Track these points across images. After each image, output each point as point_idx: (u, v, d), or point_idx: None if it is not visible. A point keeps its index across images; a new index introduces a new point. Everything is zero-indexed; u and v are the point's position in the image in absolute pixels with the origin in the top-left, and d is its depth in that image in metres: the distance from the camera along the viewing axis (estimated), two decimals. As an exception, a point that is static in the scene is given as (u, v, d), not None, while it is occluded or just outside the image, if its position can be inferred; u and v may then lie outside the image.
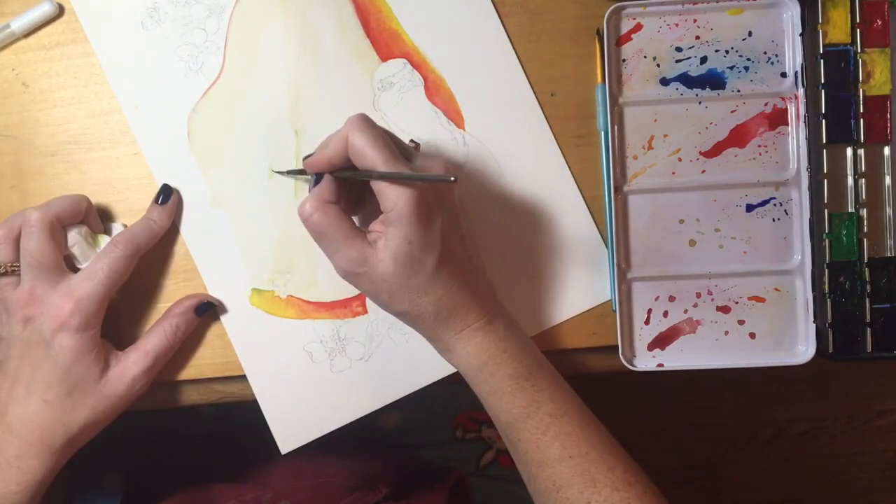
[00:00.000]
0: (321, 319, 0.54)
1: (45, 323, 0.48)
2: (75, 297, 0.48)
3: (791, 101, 0.53)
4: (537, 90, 0.54)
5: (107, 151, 0.54)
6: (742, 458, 1.36)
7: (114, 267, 0.49)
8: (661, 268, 0.54)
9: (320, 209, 0.45)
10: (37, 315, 0.48)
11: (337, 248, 0.45)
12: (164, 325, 0.52)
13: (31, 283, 0.48)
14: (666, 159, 0.54)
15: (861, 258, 0.53)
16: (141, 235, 0.51)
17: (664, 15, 0.53)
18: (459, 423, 0.74)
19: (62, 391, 0.48)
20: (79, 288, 0.48)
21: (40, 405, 0.48)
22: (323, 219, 0.45)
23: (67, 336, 0.48)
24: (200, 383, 0.56)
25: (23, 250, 0.48)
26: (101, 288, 0.49)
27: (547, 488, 0.46)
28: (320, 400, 0.54)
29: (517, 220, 0.55)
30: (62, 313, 0.47)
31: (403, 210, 0.43)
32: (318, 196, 0.45)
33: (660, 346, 0.55)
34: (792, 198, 0.54)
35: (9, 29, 0.53)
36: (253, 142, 0.54)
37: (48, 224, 0.48)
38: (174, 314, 0.52)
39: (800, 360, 0.54)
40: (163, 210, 0.53)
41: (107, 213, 0.55)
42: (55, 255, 0.49)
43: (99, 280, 0.49)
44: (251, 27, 0.54)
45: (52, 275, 0.48)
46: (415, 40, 0.54)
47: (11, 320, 0.48)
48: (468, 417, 0.74)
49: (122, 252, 0.50)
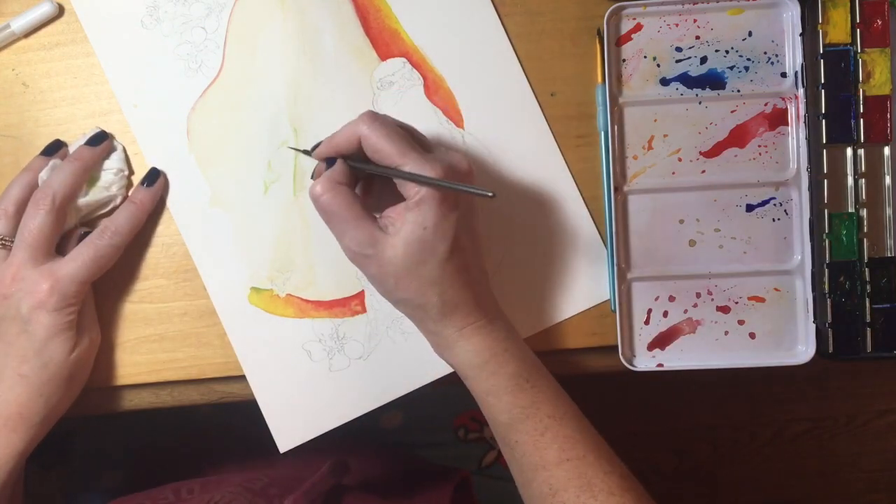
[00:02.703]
0: (320, 318, 0.54)
1: (22, 300, 0.49)
2: (56, 278, 0.49)
3: (791, 101, 0.53)
4: (537, 90, 0.54)
5: (106, 151, 0.54)
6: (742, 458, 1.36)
7: (99, 253, 0.50)
8: (661, 268, 0.54)
9: (331, 190, 0.45)
10: (15, 292, 0.49)
11: (346, 228, 0.45)
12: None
13: (19, 262, 0.49)
14: (666, 159, 0.54)
15: (861, 258, 0.53)
16: (126, 222, 0.52)
17: (664, 15, 0.53)
18: (461, 423, 0.74)
19: (37, 364, 0.49)
20: (60, 270, 0.49)
21: (16, 379, 0.49)
22: (333, 199, 0.45)
23: (44, 314, 0.49)
24: (200, 383, 0.56)
25: (22, 225, 0.49)
26: (82, 271, 0.50)
27: (542, 493, 0.46)
28: (319, 399, 0.54)
29: (516, 219, 0.55)
30: (41, 292, 0.49)
31: (427, 196, 0.44)
32: (329, 177, 0.46)
33: (660, 346, 0.55)
34: (792, 198, 0.54)
35: (9, 29, 0.53)
36: (252, 140, 0.54)
37: (57, 208, 0.50)
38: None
39: (800, 360, 0.54)
40: (147, 192, 0.53)
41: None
42: (51, 238, 0.50)
43: (82, 263, 0.50)
44: (251, 26, 0.54)
45: (40, 256, 0.49)
46: (414, 39, 0.54)
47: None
48: (470, 417, 0.74)
49: (108, 240, 0.51)
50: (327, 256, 0.54)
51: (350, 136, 0.46)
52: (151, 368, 0.54)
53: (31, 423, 0.50)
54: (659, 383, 0.92)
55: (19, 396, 0.49)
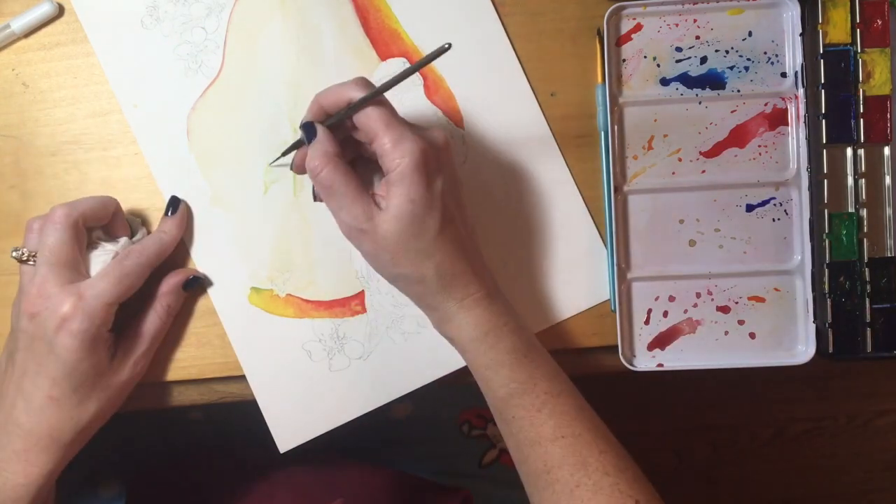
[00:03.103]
0: (320, 318, 0.54)
1: (48, 319, 0.48)
2: (81, 299, 0.48)
3: (791, 101, 0.53)
4: (537, 90, 0.54)
5: (107, 151, 0.54)
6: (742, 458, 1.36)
7: (125, 273, 0.49)
8: (661, 268, 0.54)
9: (329, 163, 0.46)
10: (42, 310, 0.48)
11: (343, 203, 0.46)
12: (155, 307, 0.52)
13: (43, 278, 0.48)
14: (666, 159, 0.54)
15: (861, 258, 0.53)
16: (152, 248, 0.51)
17: (664, 15, 0.53)
18: (466, 418, 0.73)
19: (67, 387, 0.48)
20: (86, 290, 0.48)
21: (46, 402, 0.48)
22: (332, 174, 0.45)
23: (68, 336, 0.47)
24: (200, 383, 0.56)
25: (41, 245, 0.48)
26: (108, 290, 0.48)
27: (538, 469, 0.46)
28: (319, 399, 0.54)
29: (516, 219, 0.55)
30: (64, 313, 0.47)
31: (406, 168, 0.44)
32: (322, 150, 0.46)
33: (660, 346, 0.55)
34: (792, 198, 0.54)
35: (9, 29, 0.53)
36: (252, 140, 0.54)
37: (72, 223, 0.48)
38: (163, 293, 0.53)
39: (800, 360, 0.54)
40: (172, 221, 0.53)
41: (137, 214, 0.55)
42: (72, 254, 0.49)
43: (108, 282, 0.49)
44: (251, 26, 0.54)
45: (66, 273, 0.48)
46: (414, 39, 0.54)
47: (20, 311, 0.49)
48: (476, 414, 0.74)
49: (134, 262, 0.50)
50: (327, 256, 0.54)
51: (338, 99, 0.46)
52: (151, 368, 0.54)
53: (61, 443, 0.49)
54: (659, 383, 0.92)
55: (50, 419, 0.48)
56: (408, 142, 0.45)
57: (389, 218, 0.45)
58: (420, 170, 0.45)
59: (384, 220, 0.45)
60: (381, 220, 0.45)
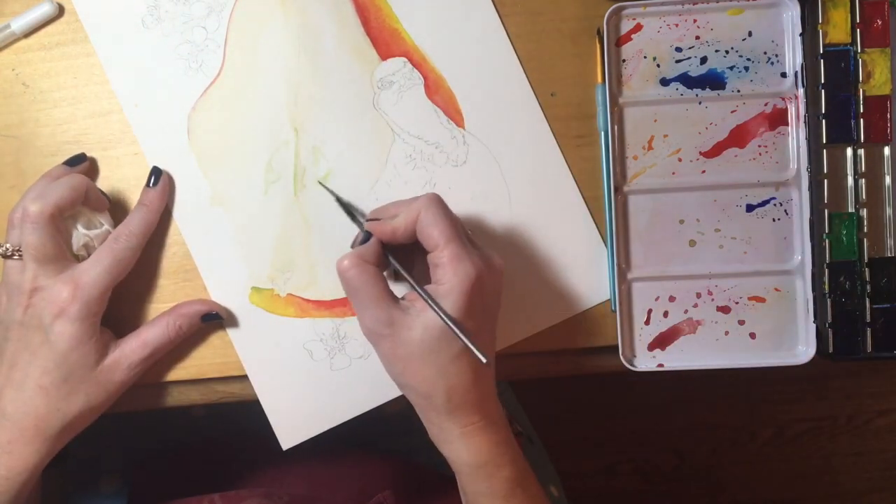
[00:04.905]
0: (321, 318, 0.55)
1: (45, 309, 0.48)
2: (77, 286, 0.48)
3: (791, 101, 0.53)
4: (537, 90, 0.54)
5: (107, 151, 0.54)
6: (742, 458, 1.36)
7: (117, 257, 0.50)
8: (661, 268, 0.54)
9: (358, 266, 0.46)
10: (37, 301, 0.48)
11: (367, 305, 0.46)
12: (167, 320, 0.52)
13: (34, 272, 0.48)
14: (666, 159, 0.54)
15: (861, 258, 0.53)
16: (139, 224, 0.51)
17: (664, 15, 0.53)
18: None
19: (58, 377, 0.48)
20: (81, 277, 0.48)
21: (35, 390, 0.48)
22: (359, 276, 0.46)
23: (67, 323, 0.48)
24: (200, 383, 0.56)
25: (24, 244, 0.48)
26: (103, 277, 0.49)
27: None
28: (320, 397, 0.54)
29: (517, 219, 0.55)
30: (63, 300, 0.48)
31: (456, 289, 0.44)
32: (359, 254, 0.46)
33: (660, 347, 0.55)
34: (792, 198, 0.54)
35: (9, 29, 0.53)
36: (253, 140, 0.54)
37: (48, 218, 0.48)
38: (181, 314, 0.52)
39: (800, 360, 0.54)
40: (155, 192, 0.53)
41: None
42: (57, 247, 0.49)
43: (102, 268, 0.49)
44: (251, 25, 0.54)
45: (55, 265, 0.49)
46: (415, 39, 0.54)
47: (11, 304, 0.49)
48: None
49: (124, 243, 0.50)
50: (328, 256, 0.54)
51: (409, 222, 0.46)
52: (151, 368, 0.54)
53: (46, 435, 0.49)
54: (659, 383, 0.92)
55: (38, 409, 0.48)
56: (467, 264, 0.45)
57: (416, 325, 0.45)
58: (468, 294, 0.45)
59: (408, 326, 0.45)
60: (406, 325, 0.45)
